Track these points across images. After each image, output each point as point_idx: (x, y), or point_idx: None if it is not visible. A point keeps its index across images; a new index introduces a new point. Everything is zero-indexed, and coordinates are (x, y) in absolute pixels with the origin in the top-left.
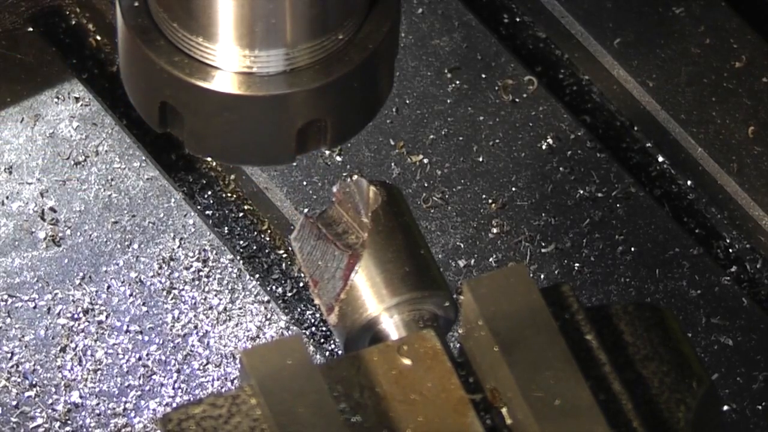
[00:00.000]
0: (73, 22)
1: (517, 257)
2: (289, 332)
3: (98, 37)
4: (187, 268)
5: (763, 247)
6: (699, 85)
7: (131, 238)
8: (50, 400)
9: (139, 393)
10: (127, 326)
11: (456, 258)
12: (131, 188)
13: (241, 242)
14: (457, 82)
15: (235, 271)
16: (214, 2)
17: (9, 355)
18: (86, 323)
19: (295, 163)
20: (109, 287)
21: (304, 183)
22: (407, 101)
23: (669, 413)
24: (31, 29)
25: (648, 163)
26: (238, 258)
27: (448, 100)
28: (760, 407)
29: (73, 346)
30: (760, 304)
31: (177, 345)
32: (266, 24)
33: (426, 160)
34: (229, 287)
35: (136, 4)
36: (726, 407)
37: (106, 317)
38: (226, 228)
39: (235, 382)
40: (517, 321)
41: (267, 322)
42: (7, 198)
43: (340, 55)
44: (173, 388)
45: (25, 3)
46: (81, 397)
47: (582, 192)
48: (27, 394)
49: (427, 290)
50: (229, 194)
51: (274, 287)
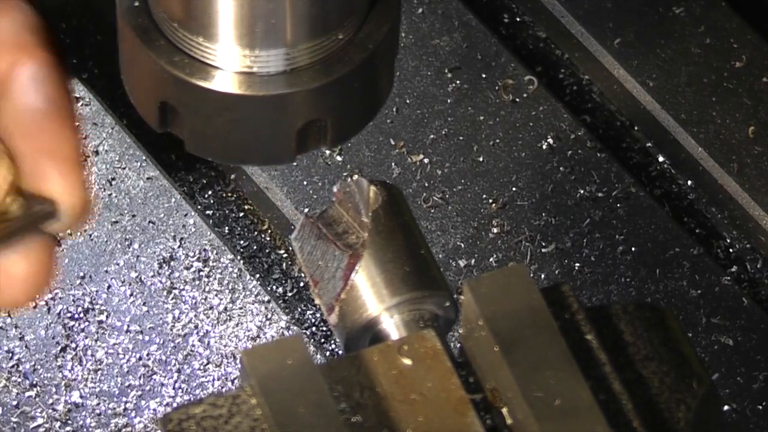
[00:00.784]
0: (74, 22)
1: (517, 257)
2: (289, 332)
3: (98, 37)
4: (188, 268)
5: (763, 247)
6: (699, 85)
7: (131, 238)
8: (50, 400)
9: (140, 393)
10: (128, 326)
11: (456, 258)
12: (131, 188)
13: (242, 242)
14: (457, 82)
15: (236, 271)
16: (214, 2)
17: (9, 355)
18: (86, 323)
19: (295, 163)
20: (109, 287)
21: (304, 183)
22: (407, 101)
23: (669, 413)
24: None
25: (648, 163)
26: (239, 258)
27: (448, 100)
28: (760, 407)
29: (73, 345)
30: (760, 304)
31: (177, 345)
32: (266, 24)
33: (426, 160)
34: (230, 287)
35: (136, 4)
36: (726, 407)
37: (107, 317)
38: (227, 228)
39: (235, 382)
40: (518, 321)
41: (267, 322)
42: None
43: (341, 55)
44: (173, 388)
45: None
46: (81, 397)
47: (582, 192)
48: (27, 394)
49: (428, 290)
50: (229, 194)
51: (274, 287)
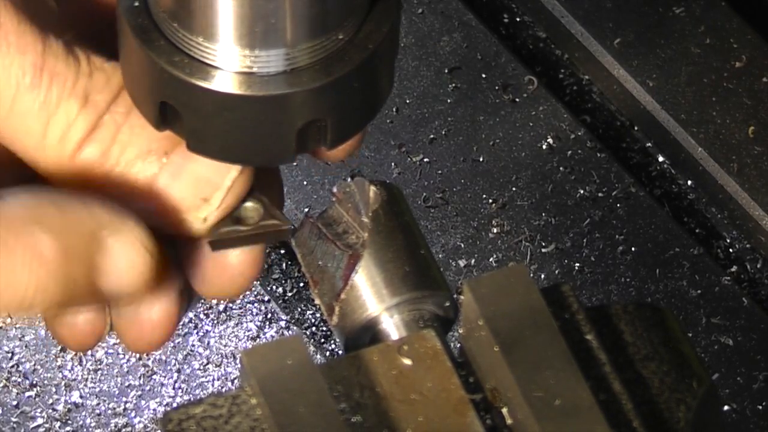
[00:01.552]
0: None
1: (517, 257)
2: (289, 332)
3: None
4: None
5: (763, 247)
6: (699, 85)
7: None
8: (50, 400)
9: (140, 393)
10: None
11: (456, 258)
12: None
13: None
14: (457, 82)
15: None
16: (214, 2)
17: (9, 355)
18: None
19: (295, 163)
20: None
21: (304, 183)
22: (407, 101)
23: (669, 413)
24: None
25: (648, 163)
26: None
27: (448, 100)
28: (760, 407)
29: None
30: (760, 304)
31: (177, 345)
32: (266, 24)
33: (426, 160)
34: None
35: (136, 4)
36: (726, 407)
37: None
38: None
39: (235, 382)
40: (517, 321)
41: (267, 322)
42: None
43: (340, 55)
44: (173, 388)
45: None
46: (81, 397)
47: (582, 192)
48: (27, 394)
49: (427, 290)
50: None
51: (274, 287)
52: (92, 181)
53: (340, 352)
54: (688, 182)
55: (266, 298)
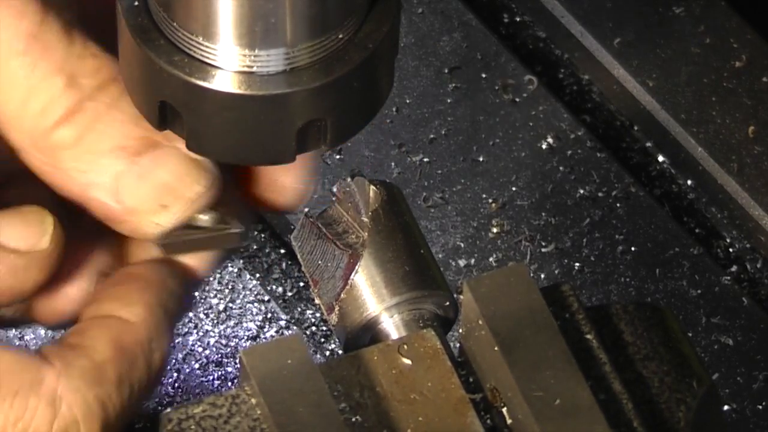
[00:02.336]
0: None
1: (517, 257)
2: (289, 332)
3: None
4: None
5: (763, 247)
6: (699, 85)
7: None
8: None
9: None
10: None
11: (456, 258)
12: None
13: None
14: (457, 82)
15: (235, 270)
16: (214, 2)
17: None
18: None
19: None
20: None
21: None
22: (407, 101)
23: (669, 413)
24: None
25: (648, 163)
26: (238, 257)
27: (448, 100)
28: (760, 407)
29: None
30: (760, 304)
31: (177, 345)
32: (266, 23)
33: (426, 160)
34: (229, 287)
35: (136, 4)
36: (726, 407)
37: None
38: None
39: (235, 382)
40: (517, 321)
41: (267, 322)
42: None
43: (340, 55)
44: (173, 388)
45: None
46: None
47: (582, 192)
48: None
49: (427, 290)
50: None
51: (274, 287)
52: (59, 163)
53: (340, 352)
54: (688, 182)
55: (266, 298)
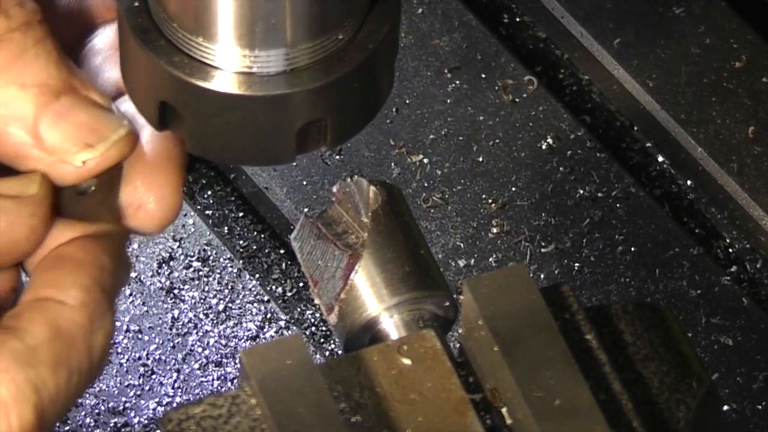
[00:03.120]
0: None
1: (517, 257)
2: (289, 332)
3: None
4: (187, 268)
5: (763, 247)
6: (699, 85)
7: (131, 237)
8: None
9: (139, 392)
10: (127, 326)
11: (456, 258)
12: None
13: (241, 242)
14: (457, 82)
15: (235, 270)
16: (214, 2)
17: None
18: None
19: (295, 163)
20: None
21: (304, 183)
22: (407, 101)
23: (669, 413)
24: None
25: (648, 163)
26: (238, 258)
27: (448, 100)
28: (760, 407)
29: None
30: (760, 304)
31: (177, 345)
32: (266, 24)
33: (426, 160)
34: (229, 287)
35: (136, 4)
36: (726, 407)
37: None
38: (226, 228)
39: (235, 382)
40: (517, 321)
41: (267, 322)
42: None
43: (340, 55)
44: (173, 388)
45: None
46: (80, 397)
47: (582, 192)
48: None
49: (427, 290)
50: (229, 194)
51: (274, 287)
52: None
53: (340, 352)
54: (688, 182)
55: (266, 298)
